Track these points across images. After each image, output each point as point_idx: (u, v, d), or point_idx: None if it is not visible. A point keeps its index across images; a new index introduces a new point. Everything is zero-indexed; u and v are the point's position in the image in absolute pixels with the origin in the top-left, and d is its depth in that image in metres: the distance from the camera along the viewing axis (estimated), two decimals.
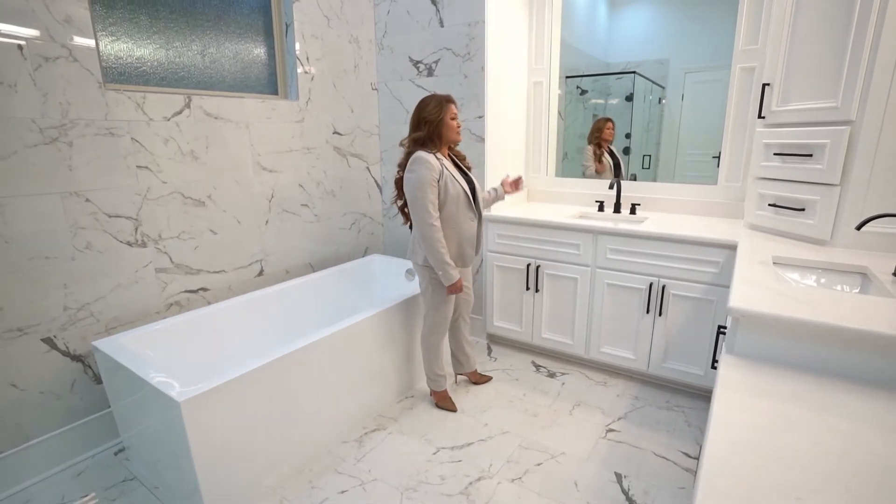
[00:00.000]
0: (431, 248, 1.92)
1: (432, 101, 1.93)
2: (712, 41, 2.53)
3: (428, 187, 1.86)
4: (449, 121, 1.93)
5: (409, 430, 2.11)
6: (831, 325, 1.13)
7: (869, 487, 0.76)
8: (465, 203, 1.97)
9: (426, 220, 1.88)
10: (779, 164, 2.07)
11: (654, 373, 2.36)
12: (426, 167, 1.86)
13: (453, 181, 1.93)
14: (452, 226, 1.97)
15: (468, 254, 2.05)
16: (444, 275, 1.96)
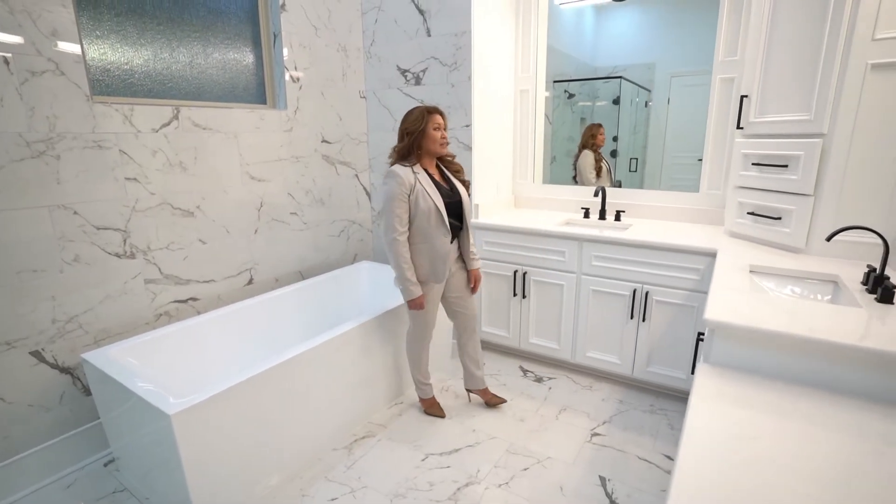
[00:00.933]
0: (394, 263, 1.95)
1: (415, 112, 1.93)
2: (698, 46, 2.57)
3: (395, 201, 1.87)
4: (431, 132, 1.91)
5: (398, 436, 2.14)
6: (801, 336, 1.18)
7: (831, 493, 0.81)
8: (436, 219, 1.93)
9: (390, 234, 1.91)
10: (757, 173, 2.13)
11: (638, 377, 2.41)
12: (396, 181, 1.87)
13: (425, 196, 1.90)
14: (423, 241, 1.96)
15: (440, 269, 2.00)
16: (403, 290, 1.98)
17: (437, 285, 2.05)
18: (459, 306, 2.20)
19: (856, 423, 1.02)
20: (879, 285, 1.40)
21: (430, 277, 2.00)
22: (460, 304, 2.19)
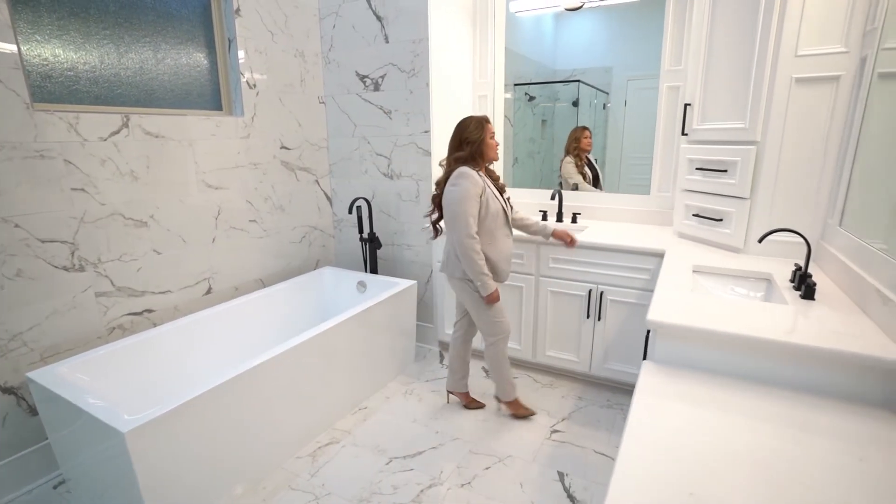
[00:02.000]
0: (469, 259, 1.95)
1: (472, 122, 1.99)
2: (652, 51, 2.67)
3: (471, 201, 1.91)
4: (489, 140, 2.00)
5: (362, 441, 2.15)
6: (735, 334, 1.27)
7: (757, 481, 0.88)
8: (503, 220, 2.02)
9: (466, 231, 1.91)
10: (700, 177, 2.25)
11: (596, 373, 2.50)
12: (471, 181, 1.92)
13: (494, 198, 1.99)
14: (490, 241, 2.00)
15: (503, 269, 2.07)
16: (481, 285, 1.98)
17: (501, 286, 2.12)
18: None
19: (781, 412, 1.11)
20: (803, 283, 1.52)
21: (494, 277, 2.04)
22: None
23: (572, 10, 2.91)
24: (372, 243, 2.90)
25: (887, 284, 1.26)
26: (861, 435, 1.02)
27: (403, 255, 3.00)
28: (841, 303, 1.47)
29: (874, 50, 1.55)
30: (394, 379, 2.68)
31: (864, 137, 1.61)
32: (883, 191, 1.46)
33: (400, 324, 2.69)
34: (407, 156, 2.82)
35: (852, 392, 1.16)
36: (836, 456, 0.96)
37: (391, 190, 2.94)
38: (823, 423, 1.07)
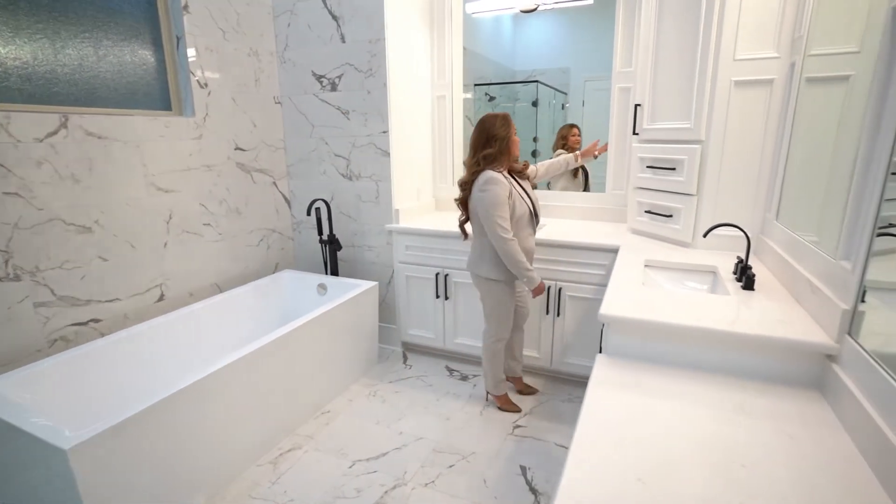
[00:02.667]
0: (513, 260, 2.01)
1: (498, 119, 2.03)
2: (607, 52, 2.71)
3: (503, 206, 1.97)
4: (514, 137, 2.06)
5: (324, 446, 2.12)
6: (682, 325, 1.33)
7: (700, 464, 0.93)
8: (528, 220, 2.08)
9: (502, 235, 1.97)
10: (651, 175, 2.34)
11: (556, 368, 2.56)
12: (500, 186, 1.96)
13: (521, 200, 2.04)
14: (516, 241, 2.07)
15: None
16: (528, 280, 2.05)
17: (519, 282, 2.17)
18: (522, 301, 2.32)
19: (723, 397, 1.17)
20: (744, 275, 1.61)
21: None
22: (522, 300, 2.32)
23: (527, 11, 2.95)
24: (332, 245, 2.86)
25: (816, 274, 1.35)
26: (792, 414, 1.09)
27: (364, 256, 2.98)
28: (777, 292, 1.56)
29: (801, 56, 1.65)
30: (357, 381, 2.66)
31: (795, 137, 1.72)
32: (812, 187, 1.56)
33: (362, 325, 2.67)
34: (366, 156, 2.80)
35: (786, 375, 1.23)
36: (769, 435, 1.02)
37: (351, 191, 2.91)
38: (760, 406, 1.13)
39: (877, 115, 1.06)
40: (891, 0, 1.03)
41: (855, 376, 1.05)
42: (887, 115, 1.01)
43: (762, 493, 0.85)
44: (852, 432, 1.00)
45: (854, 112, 1.23)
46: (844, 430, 1.03)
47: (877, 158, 1.04)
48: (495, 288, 2.14)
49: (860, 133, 1.15)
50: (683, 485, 0.87)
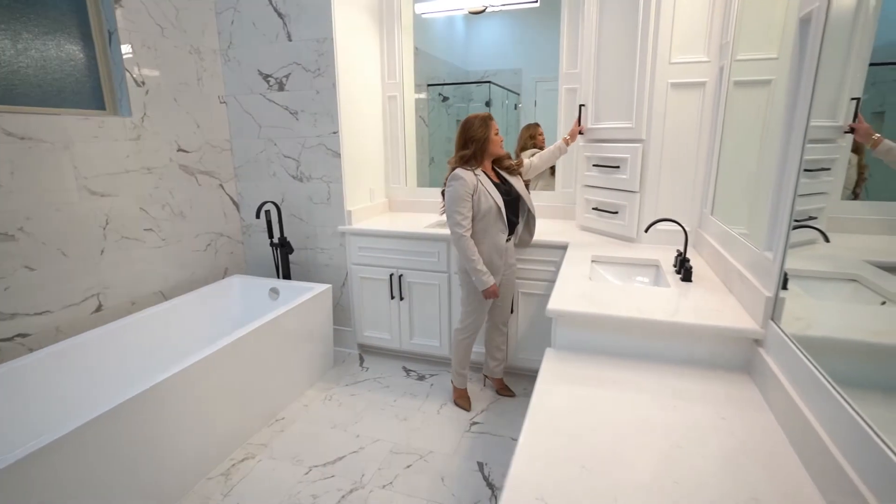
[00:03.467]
0: (465, 257, 2.06)
1: (477, 120, 2.08)
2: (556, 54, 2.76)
3: (461, 201, 2.01)
4: (493, 136, 2.10)
5: (279, 454, 2.07)
6: (625, 317, 1.38)
7: (639, 448, 0.97)
8: (496, 216, 2.09)
9: (457, 231, 2.04)
10: (598, 173, 2.42)
11: (512, 364, 2.61)
12: (460, 183, 2.02)
13: (486, 196, 2.06)
14: (484, 237, 2.10)
15: (497, 263, 2.15)
16: (477, 280, 2.07)
17: (495, 278, 2.15)
18: (503, 299, 2.32)
19: (662, 384, 1.23)
20: (683, 267, 1.69)
21: (489, 270, 2.11)
22: (501, 299, 2.32)
23: (476, 13, 2.99)
24: (283, 248, 2.80)
25: (745, 265, 1.44)
26: (724, 397, 1.16)
27: (317, 258, 2.93)
28: (713, 283, 1.65)
29: (729, 61, 1.76)
30: (312, 386, 2.61)
31: (725, 136, 1.82)
32: (742, 183, 1.66)
33: (316, 329, 2.62)
34: (316, 157, 2.75)
35: (720, 360, 1.31)
36: (703, 417, 1.08)
37: (301, 193, 2.86)
38: (695, 390, 1.20)
39: (790, 116, 1.14)
40: (799, 11, 1.11)
41: (777, 359, 1.13)
42: (798, 117, 1.09)
43: (694, 471, 0.90)
44: (775, 411, 1.07)
45: (775, 114, 1.33)
46: (769, 409, 1.10)
47: (790, 157, 1.12)
48: (468, 279, 2.16)
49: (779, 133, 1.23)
50: (623, 469, 0.91)
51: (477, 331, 2.29)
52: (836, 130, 1.06)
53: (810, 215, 1.15)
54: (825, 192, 1.16)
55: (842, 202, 1.11)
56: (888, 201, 1.00)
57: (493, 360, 2.45)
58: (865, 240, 1.02)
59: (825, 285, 1.18)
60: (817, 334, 1.06)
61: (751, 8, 1.64)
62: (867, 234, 1.02)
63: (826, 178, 1.14)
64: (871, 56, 0.96)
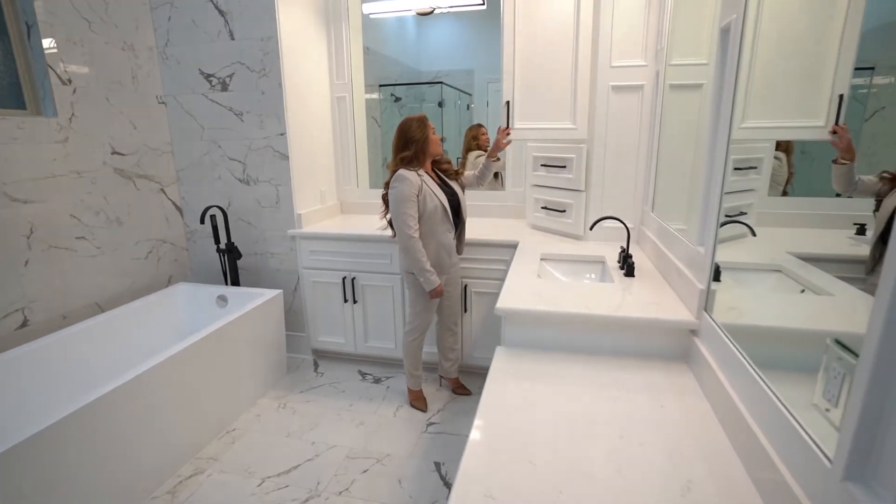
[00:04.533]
0: (412, 258, 2.05)
1: (414, 122, 2.09)
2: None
3: (407, 202, 2.01)
4: (432, 136, 2.12)
5: (230, 467, 2.00)
6: (571, 313, 1.42)
7: (584, 439, 1.01)
8: (442, 215, 2.10)
9: (406, 231, 2.02)
10: (545, 173, 2.48)
11: (467, 363, 2.63)
12: (406, 184, 2.01)
13: (432, 196, 2.07)
14: (431, 236, 2.11)
15: (445, 261, 2.17)
16: (425, 281, 2.08)
17: (442, 277, 2.18)
18: (450, 298, 2.33)
19: (606, 376, 1.27)
20: (626, 263, 1.77)
21: (436, 269, 2.12)
22: (449, 299, 2.34)
23: (424, 14, 2.99)
24: (231, 254, 2.70)
25: (681, 260, 1.52)
26: (664, 385, 1.22)
27: (267, 263, 2.85)
28: (654, 278, 1.73)
29: (664, 65, 1.85)
30: (265, 394, 2.54)
31: (662, 137, 1.91)
32: (679, 181, 1.75)
33: (267, 336, 2.55)
34: (263, 160, 2.68)
35: (661, 351, 1.37)
36: (644, 406, 1.13)
37: (249, 196, 2.77)
38: (638, 381, 1.25)
39: (716, 118, 1.22)
40: (720, 21, 1.18)
41: (710, 347, 1.20)
42: (722, 119, 1.16)
43: (636, 460, 0.94)
44: (709, 396, 1.14)
45: (706, 115, 1.41)
46: (704, 395, 1.17)
47: (717, 156, 1.19)
48: (415, 280, 2.16)
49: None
50: (569, 462, 0.94)
51: (425, 331, 2.30)
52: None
53: (741, 210, 1.23)
54: (753, 189, 1.24)
55: (769, 198, 1.20)
56: (809, 197, 1.09)
57: (447, 361, 2.47)
58: (790, 233, 1.10)
59: (754, 276, 1.26)
60: (745, 322, 1.13)
61: (681, 16, 1.73)
62: (792, 228, 1.10)
63: (754, 175, 1.22)
64: None
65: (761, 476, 0.84)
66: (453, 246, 2.21)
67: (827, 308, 0.89)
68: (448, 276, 2.24)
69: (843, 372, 0.65)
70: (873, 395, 0.55)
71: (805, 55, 0.98)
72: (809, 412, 0.74)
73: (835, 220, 0.89)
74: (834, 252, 0.90)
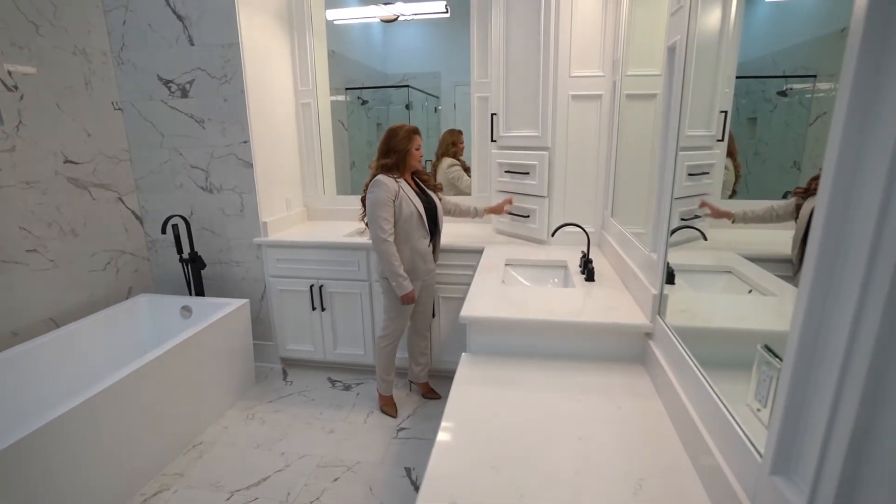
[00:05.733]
0: (385, 262, 2.08)
1: (402, 132, 2.12)
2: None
3: (383, 206, 2.04)
4: (414, 151, 2.14)
5: (197, 482, 1.97)
6: (532, 319, 1.47)
7: (545, 443, 1.05)
8: (417, 221, 2.13)
9: (380, 235, 2.05)
10: (509, 179, 2.53)
11: (437, 367, 2.66)
12: (382, 189, 2.04)
13: (408, 202, 2.10)
14: (405, 241, 2.13)
15: (420, 268, 2.19)
16: (397, 286, 2.10)
17: (416, 283, 2.19)
18: (424, 305, 2.36)
19: (567, 380, 1.32)
20: (587, 268, 1.83)
21: (410, 275, 2.14)
22: (423, 304, 2.36)
23: (388, 21, 3.00)
24: (194, 263, 2.65)
25: (637, 264, 1.59)
26: (621, 387, 1.28)
27: (233, 272, 2.80)
28: (613, 282, 1.80)
29: (620, 76, 1.92)
30: (233, 406, 2.50)
31: (621, 144, 1.99)
32: (637, 188, 1.82)
33: (234, 346, 2.51)
34: (227, 167, 2.63)
35: (619, 354, 1.43)
36: (602, 409, 1.18)
37: (213, 205, 2.72)
38: (597, 383, 1.31)
39: (665, 128, 1.28)
40: (666, 41, 1.25)
41: (662, 349, 1.27)
42: (671, 129, 1.22)
43: (593, 461, 0.99)
44: (662, 395, 1.20)
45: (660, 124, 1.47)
46: (658, 395, 1.23)
47: (668, 164, 1.25)
48: (390, 286, 2.16)
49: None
50: (530, 465, 0.98)
51: (399, 337, 2.32)
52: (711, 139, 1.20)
53: (696, 214, 1.30)
54: (706, 194, 1.31)
55: (722, 200, 1.27)
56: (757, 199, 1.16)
57: (417, 366, 2.49)
58: (741, 234, 1.17)
59: (707, 278, 1.33)
60: (694, 325, 1.20)
61: (636, 28, 1.80)
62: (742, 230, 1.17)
63: (707, 180, 1.28)
64: (741, 70, 1.10)
65: (704, 469, 0.90)
66: (428, 252, 2.23)
67: (769, 308, 0.95)
68: (423, 282, 2.26)
69: (771, 375, 0.71)
70: (794, 397, 0.61)
71: (703, 78, 1.07)
72: (746, 410, 0.80)
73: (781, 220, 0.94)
74: (779, 252, 0.96)
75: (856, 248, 0.51)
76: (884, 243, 0.47)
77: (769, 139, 1.08)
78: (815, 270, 0.56)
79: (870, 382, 0.49)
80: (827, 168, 0.54)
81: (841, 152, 0.52)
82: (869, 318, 0.49)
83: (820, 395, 0.57)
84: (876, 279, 0.48)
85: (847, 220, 0.53)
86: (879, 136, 0.48)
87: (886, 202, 0.46)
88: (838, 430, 0.53)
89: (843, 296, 0.53)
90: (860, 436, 0.50)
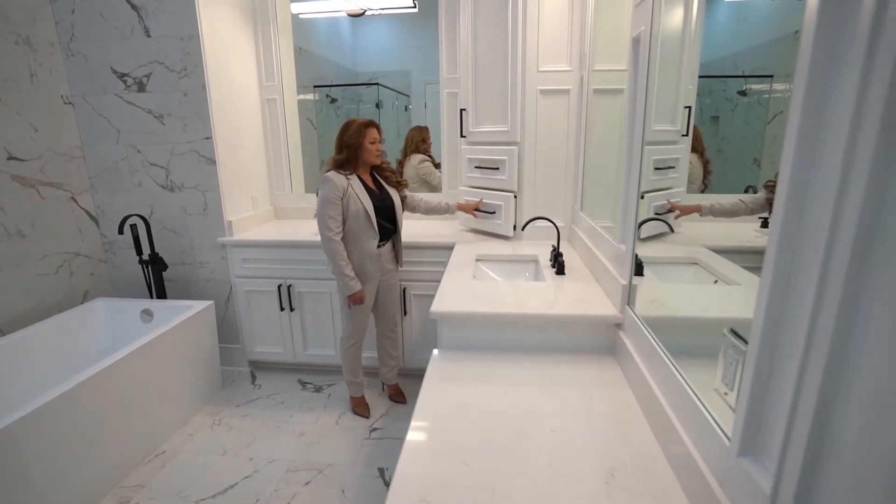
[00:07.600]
0: (332, 261, 2.05)
1: (354, 126, 2.06)
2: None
3: (329, 204, 1.99)
4: (367, 145, 2.08)
5: (160, 492, 1.88)
6: (503, 314, 1.46)
7: (517, 437, 1.04)
8: (364, 220, 2.06)
9: (326, 234, 2.02)
10: (479, 174, 2.52)
11: (408, 366, 2.63)
12: (329, 186, 2.00)
13: (356, 200, 2.04)
14: (354, 241, 2.08)
15: (370, 270, 2.13)
16: (343, 285, 2.07)
17: (368, 285, 2.14)
18: (387, 304, 2.32)
19: (540, 373, 1.32)
20: (557, 261, 1.84)
21: (361, 277, 2.10)
22: (383, 304, 2.31)
23: (355, 16, 2.95)
24: (155, 265, 2.54)
25: (607, 257, 1.60)
26: (593, 379, 1.28)
27: (197, 273, 2.70)
28: (583, 275, 1.81)
29: (588, 71, 1.93)
30: (199, 411, 2.41)
31: (589, 139, 2.01)
32: (605, 181, 1.84)
33: (198, 350, 2.42)
34: (188, 165, 2.53)
35: (590, 345, 1.44)
36: (574, 400, 1.18)
37: (174, 204, 2.61)
38: (569, 375, 1.31)
39: (631, 122, 1.29)
40: (631, 32, 1.26)
41: (632, 339, 1.28)
42: (637, 122, 1.23)
43: (565, 453, 0.99)
44: (632, 385, 1.21)
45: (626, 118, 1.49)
46: (628, 385, 1.24)
47: (634, 158, 1.27)
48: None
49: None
50: (502, 459, 0.97)
51: (360, 338, 2.28)
52: (676, 133, 1.22)
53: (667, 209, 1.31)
54: (672, 188, 1.33)
55: (689, 195, 1.28)
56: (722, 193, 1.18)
57: (385, 367, 2.45)
58: (707, 227, 1.19)
59: (674, 269, 1.35)
60: (663, 314, 1.21)
61: (602, 23, 1.82)
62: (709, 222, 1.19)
63: (673, 174, 1.30)
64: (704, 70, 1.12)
65: (674, 456, 0.91)
66: (379, 254, 2.16)
67: (733, 297, 0.97)
68: (380, 282, 2.22)
69: (737, 359, 0.71)
70: (759, 380, 0.61)
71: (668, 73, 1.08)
72: (713, 395, 0.81)
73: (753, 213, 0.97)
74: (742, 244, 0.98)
75: (813, 238, 0.52)
76: (839, 233, 0.48)
77: (731, 137, 1.10)
78: (776, 259, 0.57)
79: (830, 363, 0.49)
80: (784, 164, 0.56)
81: (796, 149, 0.54)
82: (828, 302, 0.50)
83: (783, 377, 0.57)
84: (833, 267, 0.49)
85: (804, 211, 0.54)
86: (831, 133, 0.50)
87: (840, 195, 0.48)
88: (802, 411, 0.53)
89: (803, 283, 0.54)
90: (822, 415, 0.51)
